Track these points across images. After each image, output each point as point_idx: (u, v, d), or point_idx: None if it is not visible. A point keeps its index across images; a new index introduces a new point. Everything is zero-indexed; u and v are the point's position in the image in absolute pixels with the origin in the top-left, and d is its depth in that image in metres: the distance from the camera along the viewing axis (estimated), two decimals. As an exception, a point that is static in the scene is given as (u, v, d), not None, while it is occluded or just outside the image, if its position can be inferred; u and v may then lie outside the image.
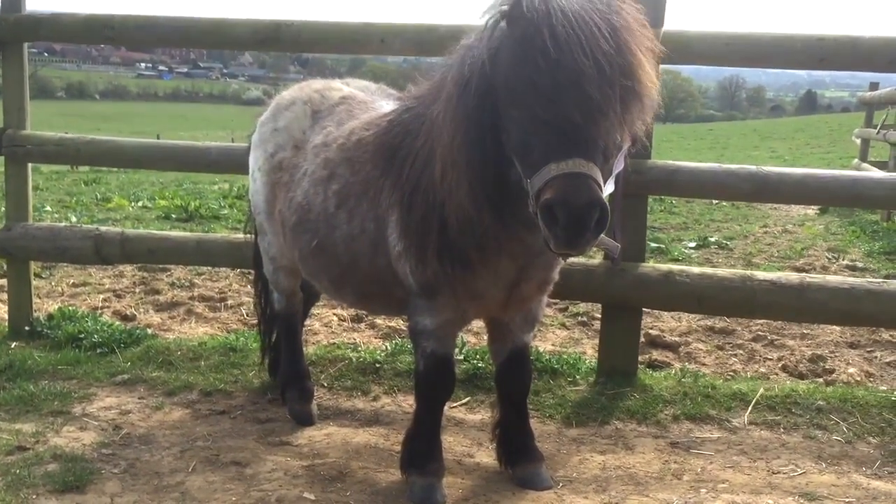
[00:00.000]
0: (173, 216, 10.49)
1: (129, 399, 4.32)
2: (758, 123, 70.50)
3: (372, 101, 3.69)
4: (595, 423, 4.09)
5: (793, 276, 4.29)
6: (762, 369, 5.18)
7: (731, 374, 5.07)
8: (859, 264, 8.39)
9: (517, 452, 3.50)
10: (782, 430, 4.02)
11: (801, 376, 5.09)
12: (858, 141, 15.15)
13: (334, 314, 6.02)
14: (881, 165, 14.02)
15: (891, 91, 12.14)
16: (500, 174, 2.69)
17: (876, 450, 3.82)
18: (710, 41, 4.14)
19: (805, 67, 4.14)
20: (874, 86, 16.15)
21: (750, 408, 4.17)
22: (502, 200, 2.75)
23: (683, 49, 4.03)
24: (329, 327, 5.76)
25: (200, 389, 4.43)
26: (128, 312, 6.12)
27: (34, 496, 3.27)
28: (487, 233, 2.84)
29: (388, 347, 4.97)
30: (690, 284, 4.22)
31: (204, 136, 42.49)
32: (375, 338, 5.57)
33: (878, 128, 12.76)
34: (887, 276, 7.32)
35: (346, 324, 5.91)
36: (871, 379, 5.03)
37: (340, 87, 3.83)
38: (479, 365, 4.56)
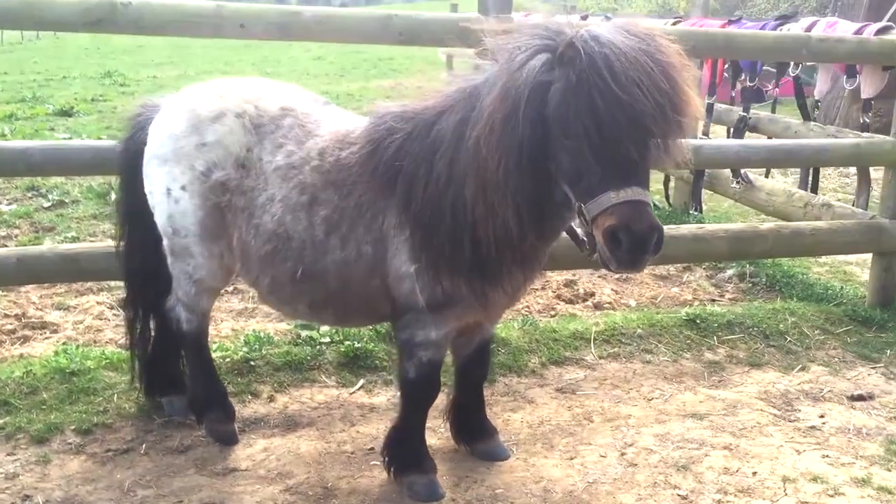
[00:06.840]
0: None
1: (1, 459, 3.65)
2: None
3: (314, 112, 3.49)
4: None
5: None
6: (541, 300, 6.03)
7: (523, 304, 5.78)
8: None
9: (476, 430, 3.82)
10: (624, 359, 4.87)
11: (573, 301, 6.06)
12: (444, 57, 16.76)
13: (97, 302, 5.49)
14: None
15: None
16: (544, 195, 2.91)
17: (696, 364, 4.86)
18: None
19: None
20: None
21: (592, 345, 4.95)
22: (543, 219, 2.99)
23: None
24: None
25: (74, 429, 3.85)
26: None
27: None
28: (524, 248, 3.07)
29: (246, 340, 4.74)
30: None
31: None
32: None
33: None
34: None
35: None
36: (619, 294, 6.19)
37: (272, 95, 3.52)
38: (357, 345, 4.63)
